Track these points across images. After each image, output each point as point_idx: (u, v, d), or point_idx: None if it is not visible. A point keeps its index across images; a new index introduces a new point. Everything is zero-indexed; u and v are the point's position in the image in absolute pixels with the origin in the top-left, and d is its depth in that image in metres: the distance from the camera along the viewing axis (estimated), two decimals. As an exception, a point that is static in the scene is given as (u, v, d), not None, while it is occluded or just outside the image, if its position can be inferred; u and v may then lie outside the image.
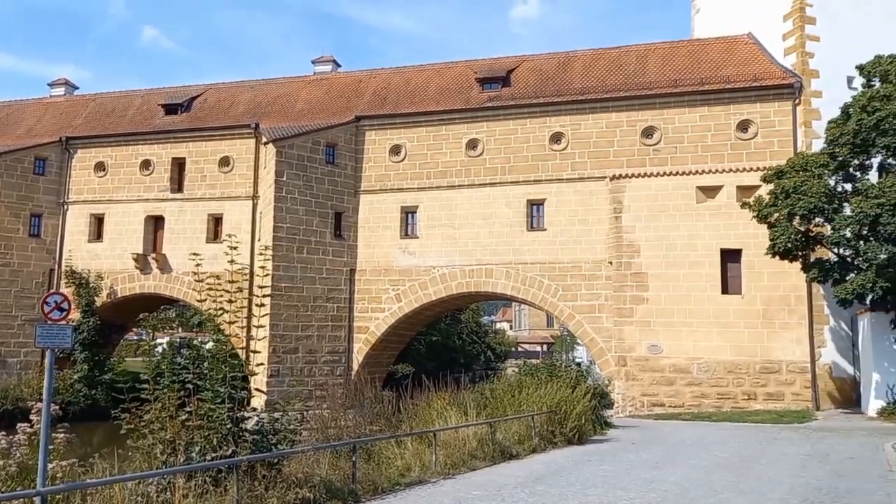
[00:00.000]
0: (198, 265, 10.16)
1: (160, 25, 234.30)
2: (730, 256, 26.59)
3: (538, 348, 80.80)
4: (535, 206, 29.38)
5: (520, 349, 79.24)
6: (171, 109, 35.75)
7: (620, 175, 28.07)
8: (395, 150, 31.05)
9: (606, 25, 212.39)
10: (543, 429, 16.76)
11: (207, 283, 9.82)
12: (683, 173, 27.44)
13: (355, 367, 30.12)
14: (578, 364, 34.40)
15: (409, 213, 30.83)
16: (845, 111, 21.99)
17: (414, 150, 30.86)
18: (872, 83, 21.93)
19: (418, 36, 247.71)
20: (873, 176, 22.10)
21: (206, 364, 9.43)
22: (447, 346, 48.82)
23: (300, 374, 28.99)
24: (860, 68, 22.58)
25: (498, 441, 15.04)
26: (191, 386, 9.45)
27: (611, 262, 27.71)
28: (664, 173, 27.63)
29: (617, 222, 27.80)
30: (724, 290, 26.46)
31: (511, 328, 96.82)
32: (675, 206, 27.29)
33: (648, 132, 28.08)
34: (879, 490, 11.26)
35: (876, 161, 21.99)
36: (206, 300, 10.11)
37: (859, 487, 11.50)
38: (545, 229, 28.96)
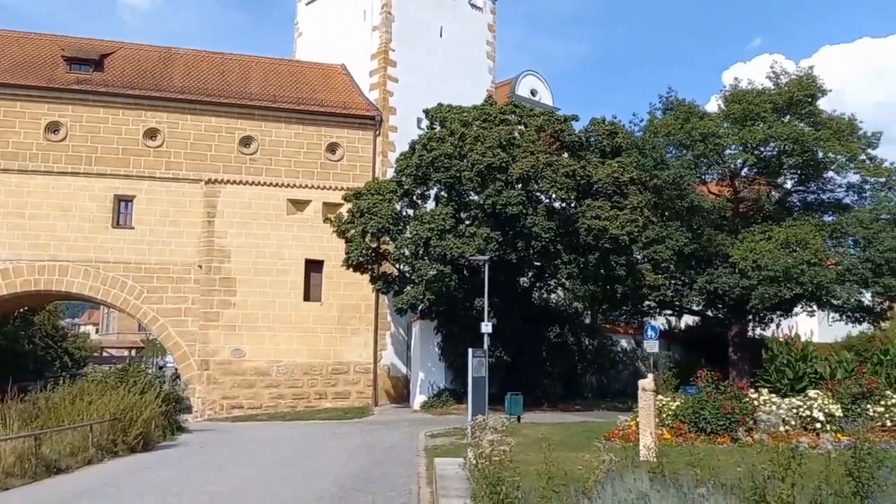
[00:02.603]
0: None
1: None
2: (313, 266, 27.95)
3: (126, 353, 74.61)
4: (123, 202, 27.11)
5: (105, 354, 72.25)
6: None
7: (216, 180, 27.53)
8: (-50, 122, 25.88)
9: (216, 31, 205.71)
10: (104, 438, 15.40)
11: None
12: (277, 185, 28.04)
13: None
14: (161, 368, 32.63)
15: (-36, 198, 25.88)
16: (412, 147, 24.88)
17: (-23, 125, 26.09)
18: (434, 126, 25.20)
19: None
20: (431, 204, 25.31)
21: None
22: (14, 350, 42.07)
23: None
24: (426, 112, 25.81)
25: (44, 455, 13.36)
26: None
27: (200, 266, 26.94)
28: (259, 183, 27.89)
29: (210, 226, 27.18)
30: (307, 298, 27.70)
31: (98, 332, 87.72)
32: (266, 216, 27.72)
33: (246, 141, 28.09)
34: (406, 472, 12.79)
35: (433, 192, 25.24)
36: None
37: (391, 472, 12.94)
38: (133, 228, 26.89)
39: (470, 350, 17.47)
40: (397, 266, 25.66)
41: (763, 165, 27.99)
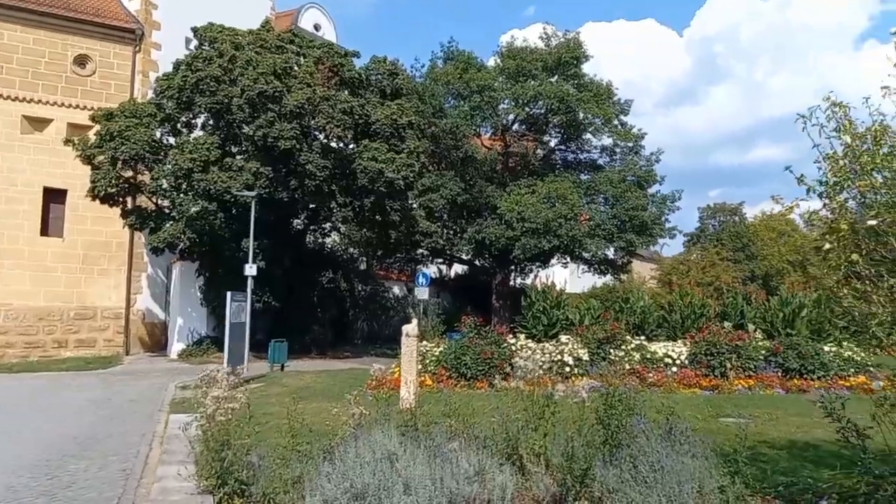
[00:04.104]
0: None
1: None
2: (54, 196, 24.03)
3: None
4: None
5: None
6: None
7: (-72, 86, 22.43)
8: None
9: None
10: None
11: None
12: (10, 98, 23.54)
13: None
14: None
15: None
16: (177, 67, 21.95)
17: None
18: (204, 46, 22.42)
19: None
20: (199, 134, 22.66)
21: None
22: None
23: None
24: (195, 31, 22.86)
25: None
26: None
27: None
28: (-14, 95, 23.20)
29: (-84, 141, 22.14)
30: (45, 232, 23.82)
31: None
32: (-5, 133, 23.21)
33: (-29, 44, 23.13)
34: (140, 431, 11.03)
35: (200, 121, 22.62)
36: None
37: (122, 430, 11.12)
38: None
39: (228, 293, 15.77)
40: (154, 200, 22.80)
41: (532, 122, 28.95)
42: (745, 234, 52.58)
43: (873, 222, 4.38)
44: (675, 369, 14.54)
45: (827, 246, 4.97)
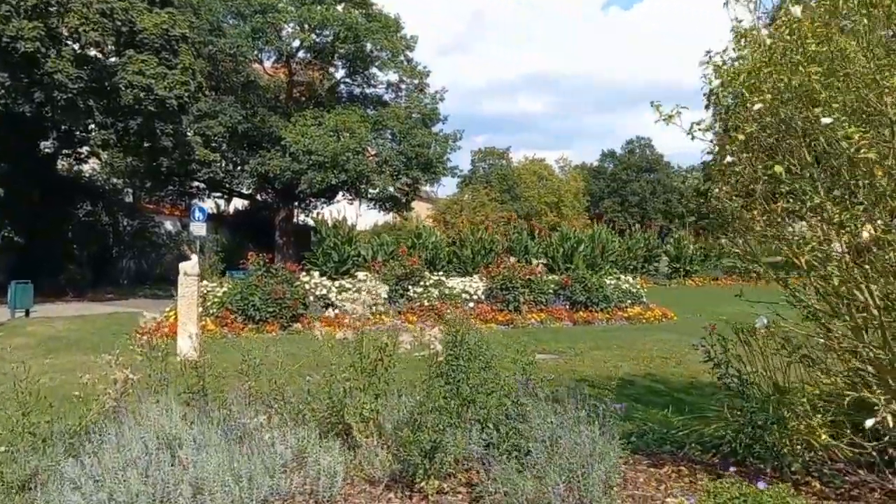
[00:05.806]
0: None
1: None
2: None
3: None
4: None
5: None
6: None
7: None
8: None
9: None
10: None
11: None
12: None
13: None
14: None
15: None
16: None
17: None
18: None
19: None
20: None
21: None
22: None
23: None
24: None
25: None
26: None
27: None
28: None
29: None
30: None
31: None
32: None
33: None
34: None
35: None
36: None
37: None
38: None
39: (-54, 225, 12.04)
40: None
41: (318, 51, 26.62)
42: (511, 176, 54.73)
43: (828, 120, 3.36)
44: (472, 304, 13.85)
45: (728, 158, 3.94)
